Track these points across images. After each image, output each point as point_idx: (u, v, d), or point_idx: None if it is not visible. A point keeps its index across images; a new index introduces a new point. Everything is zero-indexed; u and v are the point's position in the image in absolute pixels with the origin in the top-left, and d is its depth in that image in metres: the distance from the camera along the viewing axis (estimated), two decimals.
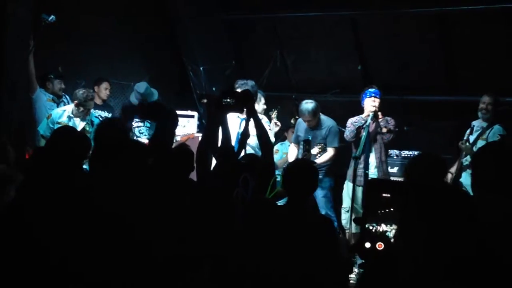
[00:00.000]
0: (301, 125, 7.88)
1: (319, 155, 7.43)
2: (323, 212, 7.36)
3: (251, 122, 4.74)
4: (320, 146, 7.48)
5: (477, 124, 7.30)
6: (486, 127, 7.16)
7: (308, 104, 7.68)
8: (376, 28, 9.06)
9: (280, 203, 6.03)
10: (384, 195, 2.22)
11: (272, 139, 7.40)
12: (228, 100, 4.57)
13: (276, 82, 9.90)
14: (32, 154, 4.24)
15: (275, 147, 8.59)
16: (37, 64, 7.84)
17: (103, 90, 8.65)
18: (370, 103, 7.27)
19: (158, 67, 9.93)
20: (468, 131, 7.30)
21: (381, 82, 9.03)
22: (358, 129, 7.25)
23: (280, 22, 9.84)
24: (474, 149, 6.99)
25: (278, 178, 6.85)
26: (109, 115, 8.58)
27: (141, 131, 8.15)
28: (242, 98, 4.58)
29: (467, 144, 7.12)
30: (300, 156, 7.44)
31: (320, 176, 6.43)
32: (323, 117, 7.80)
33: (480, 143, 7.01)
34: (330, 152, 7.63)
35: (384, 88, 8.76)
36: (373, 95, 7.31)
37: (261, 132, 4.64)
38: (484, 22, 8.19)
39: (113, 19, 9.49)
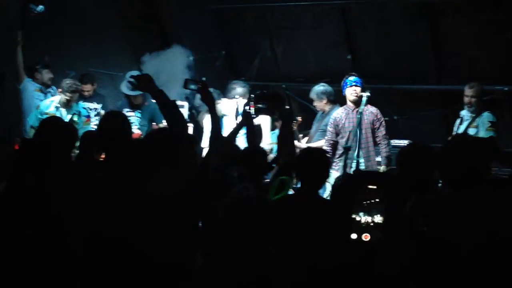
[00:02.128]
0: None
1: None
2: None
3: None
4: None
5: (465, 114, 7.31)
6: (475, 115, 7.19)
7: (317, 86, 7.89)
8: (365, 17, 9.06)
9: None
10: (370, 186, 2.23)
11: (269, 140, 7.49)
12: (260, 105, 4.60)
13: (265, 71, 9.90)
14: (20, 145, 4.21)
15: None
16: (27, 55, 7.82)
17: (86, 92, 8.53)
18: (351, 92, 7.23)
19: None
20: (458, 122, 7.30)
21: (371, 72, 9.06)
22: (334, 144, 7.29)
23: (270, 11, 9.82)
24: None
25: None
26: (99, 105, 8.54)
27: (131, 121, 8.13)
28: (274, 103, 4.60)
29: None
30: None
31: None
32: (336, 107, 7.84)
33: (471, 131, 7.05)
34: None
35: (374, 78, 8.79)
36: (353, 83, 7.26)
37: (285, 134, 4.62)
38: (473, 11, 8.20)
39: (104, 9, 9.45)
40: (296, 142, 7.90)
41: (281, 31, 9.86)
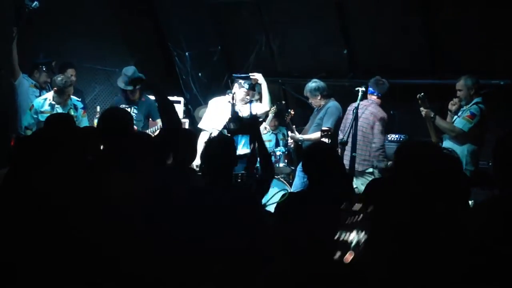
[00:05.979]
0: None
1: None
2: None
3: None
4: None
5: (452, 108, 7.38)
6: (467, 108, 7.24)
7: (310, 83, 7.87)
8: (361, 11, 9.02)
9: None
10: (353, 209, 2.22)
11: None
12: (234, 126, 4.67)
13: (261, 66, 9.87)
14: (15, 142, 4.21)
15: None
16: (22, 50, 7.83)
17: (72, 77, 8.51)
18: None
19: (143, 52, 9.91)
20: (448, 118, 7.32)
21: (366, 66, 9.05)
22: None
23: (265, 6, 9.79)
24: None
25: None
26: (79, 99, 8.52)
27: None
28: (248, 127, 4.62)
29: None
30: None
31: None
32: (331, 101, 7.89)
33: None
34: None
35: (369, 72, 8.77)
36: None
37: (263, 154, 4.57)
38: (469, 4, 8.16)
39: (99, 5, 9.46)
40: (291, 133, 8.03)
41: (277, 26, 9.83)
